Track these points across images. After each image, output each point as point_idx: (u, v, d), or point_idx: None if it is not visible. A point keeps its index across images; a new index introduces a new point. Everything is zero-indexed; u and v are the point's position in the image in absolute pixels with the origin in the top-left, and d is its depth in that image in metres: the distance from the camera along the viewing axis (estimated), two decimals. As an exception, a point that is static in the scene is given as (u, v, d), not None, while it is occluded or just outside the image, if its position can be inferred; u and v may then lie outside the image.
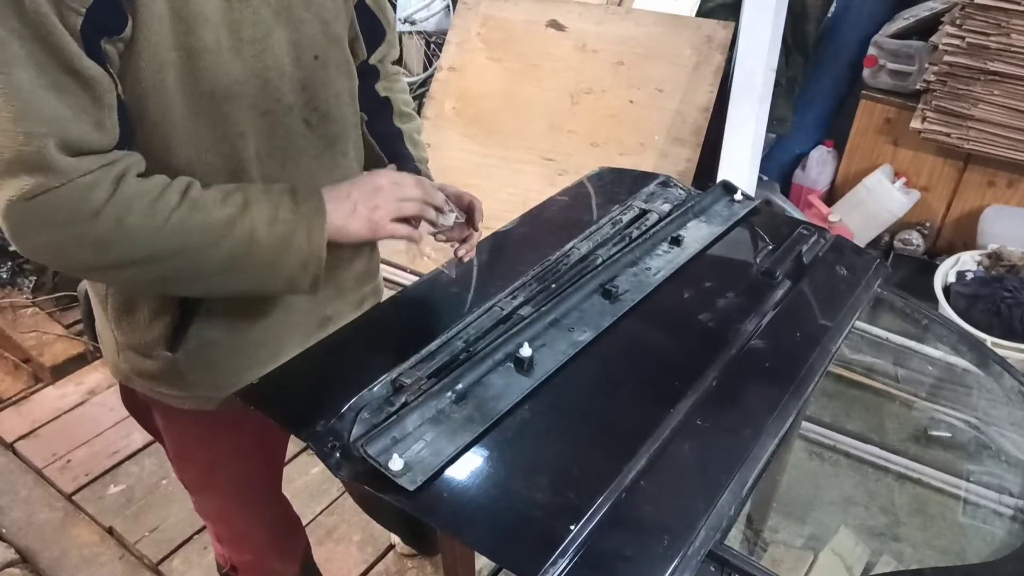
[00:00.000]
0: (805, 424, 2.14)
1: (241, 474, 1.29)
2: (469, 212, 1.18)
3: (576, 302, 1.20)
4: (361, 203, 0.98)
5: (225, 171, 0.94)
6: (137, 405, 1.22)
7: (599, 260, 1.28)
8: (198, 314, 1.03)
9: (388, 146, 1.23)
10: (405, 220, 1.03)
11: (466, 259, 1.20)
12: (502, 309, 1.16)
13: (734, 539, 1.75)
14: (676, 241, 1.38)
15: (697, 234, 1.42)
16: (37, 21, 0.75)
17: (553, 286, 1.21)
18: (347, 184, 1.00)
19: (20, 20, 0.75)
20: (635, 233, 1.38)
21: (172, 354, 1.04)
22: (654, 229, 1.39)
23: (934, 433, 2.21)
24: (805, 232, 1.44)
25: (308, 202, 0.93)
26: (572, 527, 0.84)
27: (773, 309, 1.25)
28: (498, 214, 2.77)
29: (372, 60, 1.19)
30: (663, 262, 1.33)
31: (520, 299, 1.18)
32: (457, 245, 1.20)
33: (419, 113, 3.25)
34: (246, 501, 1.34)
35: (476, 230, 1.20)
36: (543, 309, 1.15)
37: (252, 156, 0.96)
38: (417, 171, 1.21)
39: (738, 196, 1.54)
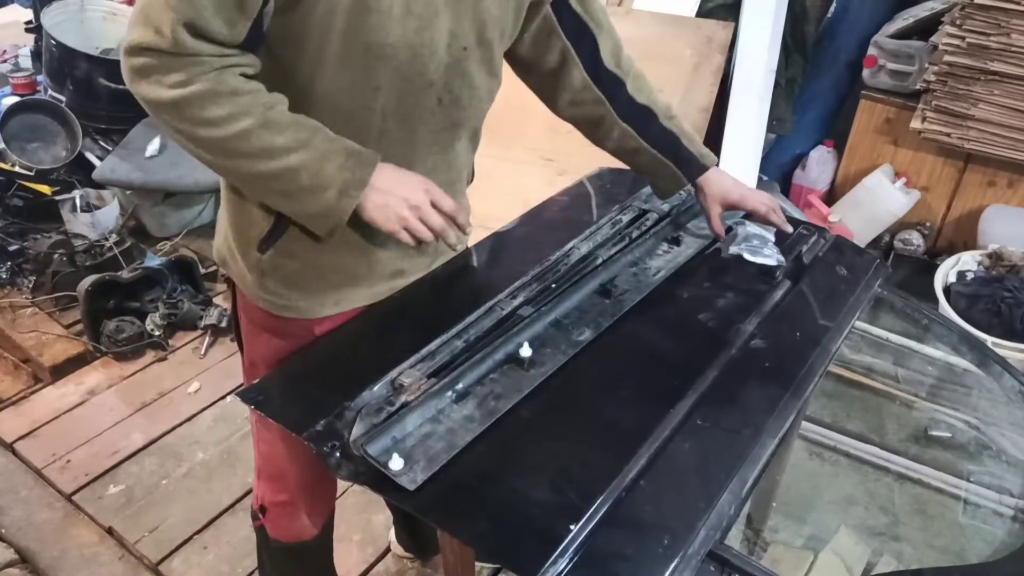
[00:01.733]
0: (805, 424, 2.14)
1: None
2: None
3: (576, 302, 1.20)
4: (396, 203, 1.05)
5: (352, 113, 1.04)
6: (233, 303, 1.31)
7: (599, 260, 1.28)
8: (288, 227, 1.11)
9: (668, 149, 1.31)
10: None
11: None
12: (502, 309, 1.16)
13: (734, 539, 1.74)
14: (676, 241, 1.38)
15: (697, 234, 1.42)
16: None
17: (553, 286, 1.21)
18: (402, 176, 1.07)
19: None
20: (635, 233, 1.38)
21: (260, 255, 1.14)
22: (654, 229, 1.39)
23: (934, 433, 2.21)
24: (805, 232, 1.44)
25: (357, 169, 1.02)
26: (572, 527, 0.84)
27: (773, 309, 1.25)
28: (498, 214, 2.76)
29: (608, 65, 1.25)
30: (663, 262, 1.33)
31: (520, 299, 1.18)
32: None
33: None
34: None
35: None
36: (543, 309, 1.15)
37: (378, 109, 1.04)
38: (703, 168, 1.32)
39: None
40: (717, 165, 1.35)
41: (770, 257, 1.35)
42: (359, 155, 1.03)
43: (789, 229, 1.36)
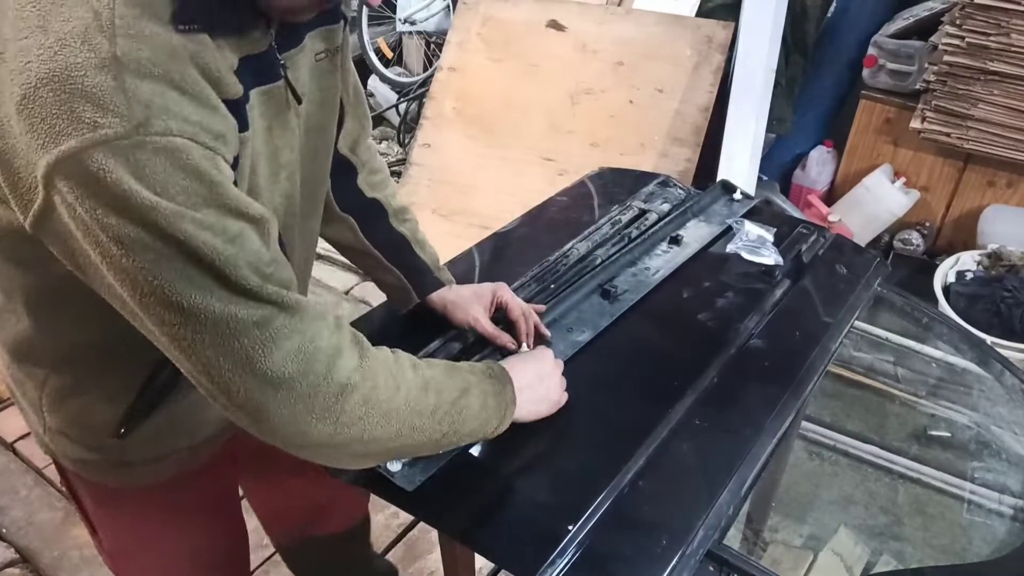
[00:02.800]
0: (805, 424, 2.14)
1: (193, 554, 1.13)
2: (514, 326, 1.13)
3: (575, 302, 1.20)
4: (545, 391, 0.98)
5: None
6: (69, 486, 1.08)
7: (598, 260, 1.28)
8: (166, 400, 0.93)
9: (395, 255, 1.15)
10: None
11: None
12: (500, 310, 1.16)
13: (734, 539, 1.74)
14: (675, 240, 1.38)
15: (696, 233, 1.42)
16: (212, 180, 0.69)
17: (552, 286, 1.21)
18: (532, 365, 0.99)
19: (189, 189, 0.67)
20: (634, 233, 1.38)
21: (120, 440, 0.93)
22: (653, 229, 1.39)
23: (934, 433, 2.21)
24: (805, 231, 1.44)
25: (505, 390, 0.93)
26: (571, 527, 0.84)
27: (773, 308, 1.24)
28: (498, 214, 2.76)
29: (341, 148, 1.07)
30: (662, 262, 1.33)
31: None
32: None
33: (419, 113, 3.24)
34: None
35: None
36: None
37: None
38: (438, 283, 1.15)
39: (737, 195, 1.54)
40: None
41: (768, 256, 1.35)
42: (493, 373, 0.93)
43: (544, 332, 1.13)
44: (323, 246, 1.14)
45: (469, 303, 1.12)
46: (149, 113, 0.64)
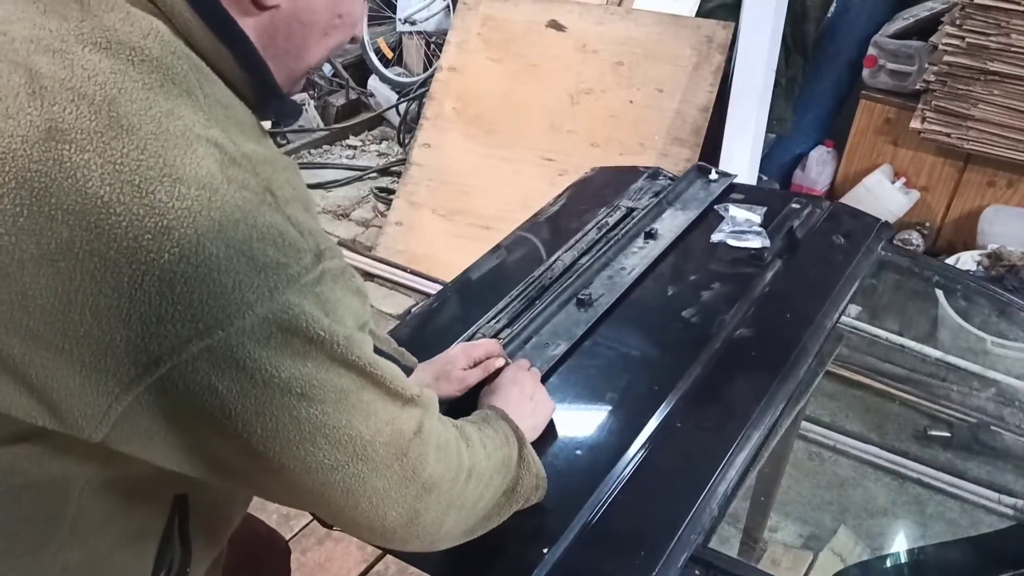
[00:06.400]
0: (805, 424, 2.14)
1: None
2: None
3: (549, 315, 1.15)
4: (537, 403, 0.96)
5: None
6: None
7: (583, 268, 1.23)
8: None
9: None
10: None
11: None
12: (484, 335, 1.12)
13: (733, 540, 1.74)
14: (651, 235, 1.32)
15: (672, 223, 1.35)
16: (365, 295, 0.67)
17: (537, 302, 1.17)
18: (512, 389, 0.95)
19: (357, 310, 0.64)
20: (619, 234, 1.32)
21: None
22: (626, 226, 1.33)
23: (934, 432, 2.21)
24: (797, 206, 1.37)
25: (514, 428, 0.86)
26: (545, 550, 0.82)
27: (761, 293, 1.19)
28: (498, 214, 2.77)
29: None
30: (637, 259, 1.27)
31: (504, 322, 1.15)
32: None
33: (419, 113, 3.25)
34: None
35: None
36: (515, 328, 1.11)
37: None
38: (408, 371, 1.00)
39: (713, 175, 1.48)
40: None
41: (755, 240, 1.29)
42: (489, 418, 0.86)
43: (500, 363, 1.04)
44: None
45: (453, 367, 1.02)
46: (317, 240, 0.59)
